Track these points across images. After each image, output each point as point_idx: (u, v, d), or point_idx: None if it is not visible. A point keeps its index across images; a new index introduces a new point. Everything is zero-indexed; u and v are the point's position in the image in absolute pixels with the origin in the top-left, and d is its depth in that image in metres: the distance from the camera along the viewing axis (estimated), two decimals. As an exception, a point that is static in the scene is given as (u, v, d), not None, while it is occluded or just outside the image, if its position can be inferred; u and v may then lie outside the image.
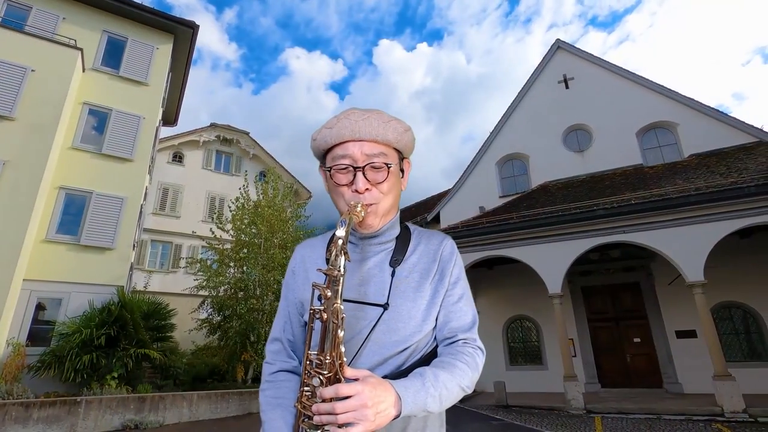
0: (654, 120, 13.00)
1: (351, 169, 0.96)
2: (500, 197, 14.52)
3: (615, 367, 11.48)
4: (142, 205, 12.10)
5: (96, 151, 11.07)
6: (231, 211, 12.02)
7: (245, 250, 11.38)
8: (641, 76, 13.61)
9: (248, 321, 10.40)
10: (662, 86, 13.18)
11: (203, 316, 11.52)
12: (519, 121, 15.24)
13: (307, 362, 0.80)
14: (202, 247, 14.68)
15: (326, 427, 0.74)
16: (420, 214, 17.84)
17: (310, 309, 0.80)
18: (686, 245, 8.99)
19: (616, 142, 13.18)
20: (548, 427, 7.66)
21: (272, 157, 19.83)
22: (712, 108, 12.49)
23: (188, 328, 11.64)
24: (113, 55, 12.22)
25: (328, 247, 1.06)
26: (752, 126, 11.82)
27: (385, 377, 0.88)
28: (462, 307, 1.03)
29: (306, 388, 0.80)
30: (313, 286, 0.79)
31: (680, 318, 10.79)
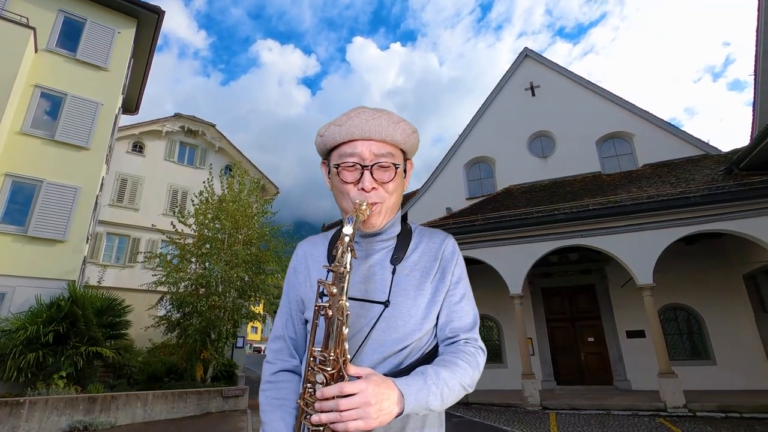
0: (612, 130, 13.64)
1: (358, 167, 0.96)
2: (467, 199, 14.82)
3: (570, 365, 11.97)
4: (98, 196, 11.53)
5: (48, 138, 10.45)
6: (194, 205, 11.65)
7: (208, 246, 11.06)
8: (602, 88, 14.26)
9: (209, 318, 10.13)
10: (621, 98, 13.85)
11: (161, 313, 11.11)
12: (487, 126, 15.59)
13: (311, 359, 0.79)
14: (162, 241, 14.15)
15: (328, 425, 0.74)
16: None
17: (315, 306, 0.79)
18: (638, 250, 9.49)
19: (577, 149, 13.73)
20: (505, 423, 7.91)
21: (239, 151, 19.34)
22: (666, 121, 13.26)
23: (145, 325, 11.20)
24: (70, 36, 11.56)
25: (333, 244, 1.08)
26: (700, 140, 12.65)
27: (384, 375, 0.89)
28: (464, 307, 1.03)
29: (309, 385, 0.80)
30: (318, 282, 0.79)
31: (630, 319, 11.38)
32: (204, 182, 11.98)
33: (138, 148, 17.48)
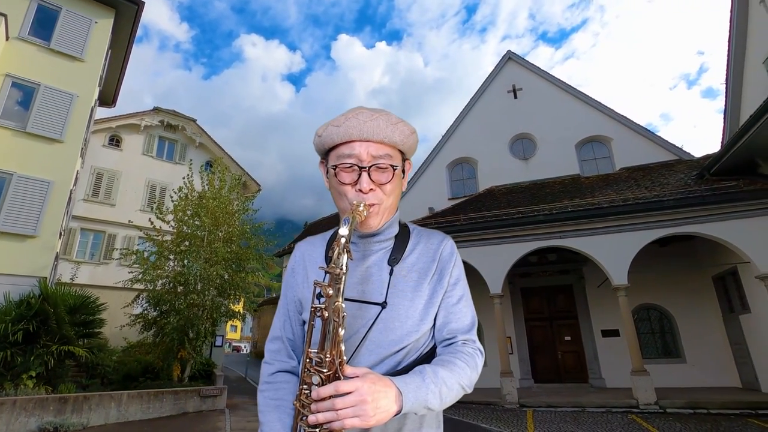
0: (591, 134, 13.96)
1: (356, 168, 0.95)
2: (449, 199, 14.94)
3: (547, 363, 12.21)
4: (71, 191, 11.18)
5: (19, 129, 10.07)
6: (173, 201, 11.41)
7: (187, 243, 10.85)
8: (583, 92, 14.57)
9: (187, 317, 9.94)
10: (600, 103, 14.18)
11: (137, 311, 10.85)
12: (470, 127, 15.74)
13: (307, 360, 0.79)
14: (140, 237, 13.82)
15: (325, 425, 0.73)
16: (371, 212, 17.93)
17: (312, 307, 0.79)
18: (614, 251, 9.75)
19: (557, 152, 14.00)
20: (484, 420, 8.02)
21: (220, 147, 19.03)
22: (642, 126, 13.64)
23: (120, 323, 10.91)
24: (44, 25, 11.16)
25: (330, 245, 1.07)
26: (674, 145, 13.06)
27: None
28: (461, 309, 1.03)
29: (305, 386, 0.79)
30: (314, 283, 0.79)
31: (606, 318, 11.68)
32: (184, 178, 11.75)
33: (115, 142, 17.01)
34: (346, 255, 0.78)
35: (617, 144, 13.58)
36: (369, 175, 0.95)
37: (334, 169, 0.97)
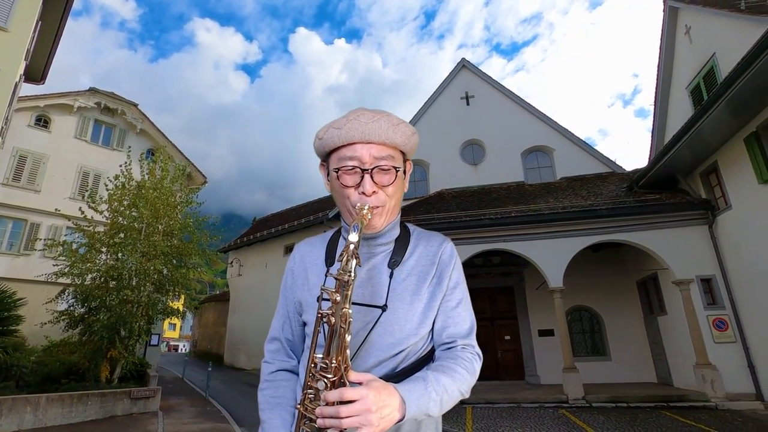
0: (536, 144, 14.71)
1: (358, 170, 0.95)
2: (401, 200, 15.11)
3: (488, 362, 12.69)
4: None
5: (-75, 101, 8.95)
6: (108, 190, 10.64)
7: (122, 235, 10.15)
8: (530, 104, 15.33)
9: (119, 314, 9.29)
10: (546, 115, 14.98)
11: (62, 307, 10.00)
12: (423, 130, 16.00)
13: (312, 365, 0.79)
14: (68, 228, 12.75)
15: (329, 431, 0.73)
16: (323, 210, 17.74)
17: (318, 313, 0.79)
18: (551, 255, 10.34)
19: (504, 159, 14.62)
20: (425, 418, 8.19)
21: (164, 135, 17.97)
22: (582, 140, 14.57)
23: (41, 321, 10.00)
24: (-40, -14, 9.99)
25: (331, 247, 1.07)
26: (609, 159, 14.10)
27: (384, 380, 0.88)
28: (460, 313, 1.03)
29: (309, 391, 0.79)
30: (322, 289, 0.79)
31: (542, 319, 12.37)
32: (121, 166, 10.98)
33: (43, 122, 15.56)
34: (354, 261, 0.78)
35: (559, 155, 14.42)
36: (371, 177, 0.95)
37: (336, 172, 0.97)
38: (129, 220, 10.26)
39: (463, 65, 16.41)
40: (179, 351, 48.03)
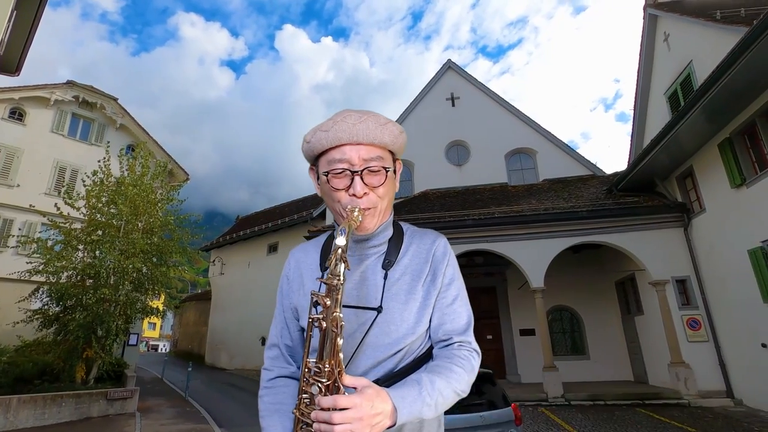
0: (520, 146, 14.91)
1: (348, 173, 0.94)
2: (385, 200, 15.13)
3: (470, 361, 12.83)
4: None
5: None
6: (85, 186, 10.37)
7: (100, 232, 9.91)
8: (514, 106, 15.52)
9: (96, 313, 9.06)
10: (529, 118, 15.20)
11: (36, 306, 9.71)
12: (408, 130, 16.06)
13: (306, 370, 0.80)
14: (43, 224, 12.36)
15: None
16: (307, 209, 17.65)
17: (309, 318, 0.79)
18: (533, 256, 10.50)
19: (489, 160, 14.78)
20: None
21: (144, 130, 17.59)
22: (564, 143, 14.83)
23: (13, 320, 9.69)
24: (-70, -28, 9.59)
25: (325, 252, 1.07)
26: (590, 162, 14.37)
27: (377, 380, 0.88)
28: (456, 309, 1.02)
29: (305, 396, 0.80)
30: (312, 294, 0.78)
31: (524, 318, 12.55)
32: (100, 161, 10.71)
33: (17, 115, 15.07)
34: (343, 265, 0.78)
35: (541, 157, 14.64)
36: (362, 178, 0.94)
37: (326, 175, 0.96)
38: (107, 217, 10.02)
39: (449, 67, 16.52)
40: (159, 351, 47.13)
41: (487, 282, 13.34)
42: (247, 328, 18.30)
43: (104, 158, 10.64)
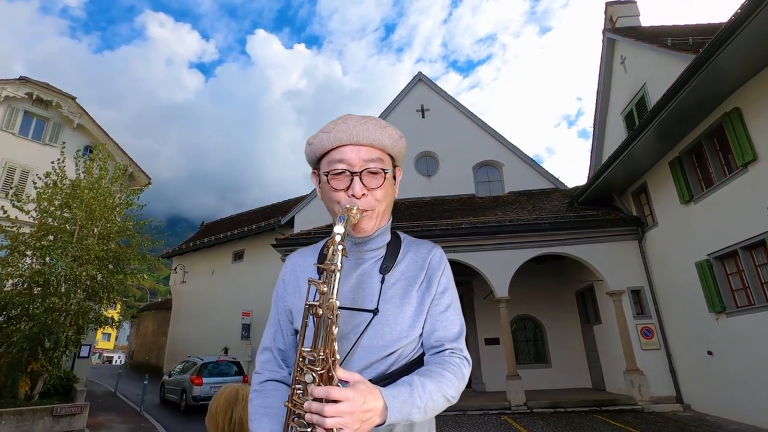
0: (487, 158, 15.30)
1: (348, 173, 0.96)
2: (355, 209, 15.11)
3: (436, 370, 12.90)
4: None
5: None
6: (37, 188, 9.80)
7: (51, 237, 9.36)
8: (483, 120, 15.94)
9: (44, 323, 8.51)
10: (497, 131, 15.65)
11: (-24, 315, 9.02)
12: (379, 140, 16.18)
13: (300, 359, 0.79)
14: (-13, 228, 11.56)
15: (314, 427, 0.73)
16: (275, 216, 17.35)
17: (306, 304, 0.79)
18: (498, 266, 10.75)
19: (456, 172, 15.07)
20: (373, 428, 8.15)
21: (104, 131, 16.84)
22: (530, 157, 15.35)
23: (-51, 330, 8.97)
24: None
25: (321, 259, 1.07)
26: (553, 175, 14.94)
27: (371, 383, 0.86)
28: (449, 317, 1.03)
29: (298, 386, 0.78)
30: (309, 281, 0.79)
31: (489, 327, 12.76)
32: (53, 162, 10.17)
33: (-38, 110, 14.10)
34: (340, 252, 0.78)
35: (508, 170, 15.08)
36: (361, 179, 0.96)
37: (326, 176, 0.98)
38: (60, 222, 9.49)
39: (420, 79, 16.80)
40: (114, 363, 44.73)
41: (454, 291, 13.49)
42: (210, 338, 17.67)
43: (59, 159, 10.11)
